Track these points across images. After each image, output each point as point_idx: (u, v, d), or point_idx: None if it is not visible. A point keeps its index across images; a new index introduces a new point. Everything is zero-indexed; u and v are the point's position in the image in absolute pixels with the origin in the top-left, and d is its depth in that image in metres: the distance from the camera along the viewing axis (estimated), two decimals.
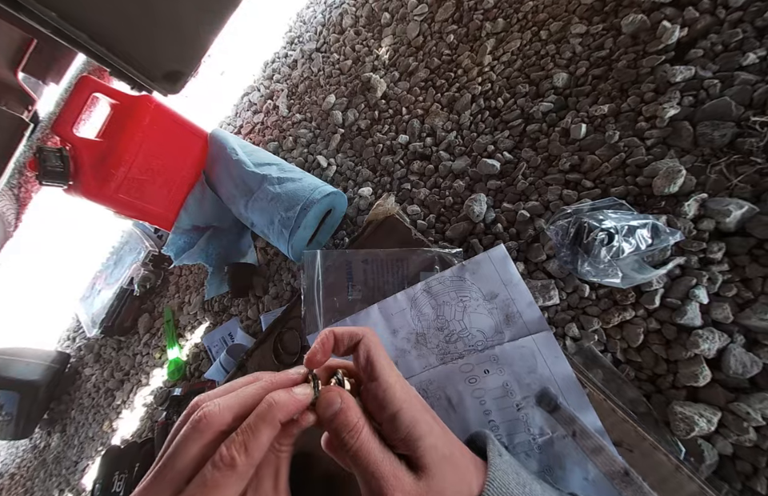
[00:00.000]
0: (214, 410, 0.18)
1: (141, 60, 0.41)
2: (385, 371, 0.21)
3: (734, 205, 0.47)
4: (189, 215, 0.95)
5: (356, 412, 0.20)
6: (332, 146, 0.97)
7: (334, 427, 0.20)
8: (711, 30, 0.56)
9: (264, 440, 0.18)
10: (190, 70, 0.47)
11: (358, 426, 0.19)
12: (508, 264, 0.46)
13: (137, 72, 0.42)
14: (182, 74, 0.47)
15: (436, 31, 0.89)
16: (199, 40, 0.45)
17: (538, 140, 0.67)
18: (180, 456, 0.18)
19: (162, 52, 0.43)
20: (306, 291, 0.60)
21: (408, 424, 0.20)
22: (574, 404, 0.39)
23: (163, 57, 0.44)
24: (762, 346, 0.44)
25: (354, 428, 0.19)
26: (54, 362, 1.40)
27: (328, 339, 0.22)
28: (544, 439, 0.37)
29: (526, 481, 0.22)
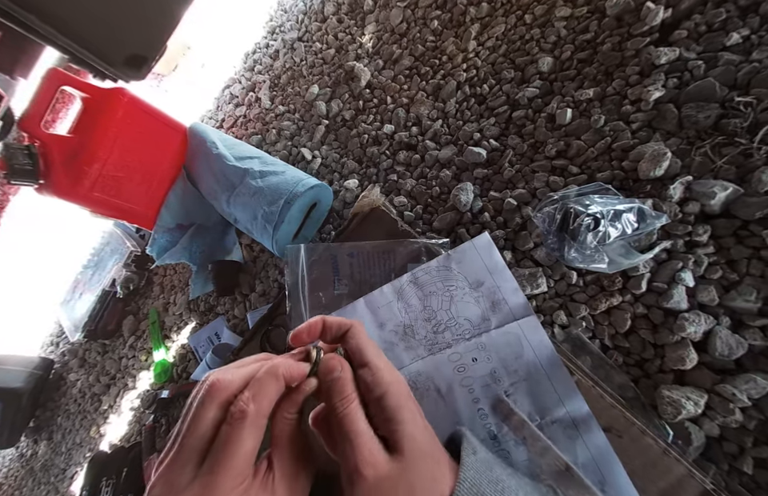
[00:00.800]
0: (227, 376, 0.20)
1: (98, 43, 0.39)
2: (374, 357, 0.23)
3: (719, 186, 0.47)
4: (170, 213, 0.92)
5: (352, 384, 0.22)
6: (316, 137, 0.94)
7: (330, 390, 0.21)
8: (695, 11, 0.55)
9: (271, 391, 0.20)
10: (154, 53, 0.44)
11: (351, 396, 0.21)
12: (493, 251, 0.45)
13: (95, 57, 0.39)
14: (145, 58, 0.44)
15: (420, 17, 0.87)
16: (162, 20, 0.42)
17: (524, 126, 0.65)
18: (199, 422, 0.19)
19: (121, 34, 0.40)
20: (291, 287, 0.59)
21: (393, 406, 0.21)
22: (561, 388, 0.39)
23: (123, 39, 0.41)
24: (747, 327, 0.45)
25: (347, 397, 0.21)
26: (36, 369, 1.36)
27: (316, 324, 0.24)
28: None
29: (500, 477, 0.22)
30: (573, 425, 0.36)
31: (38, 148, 0.78)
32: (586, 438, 0.36)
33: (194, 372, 0.88)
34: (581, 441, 0.35)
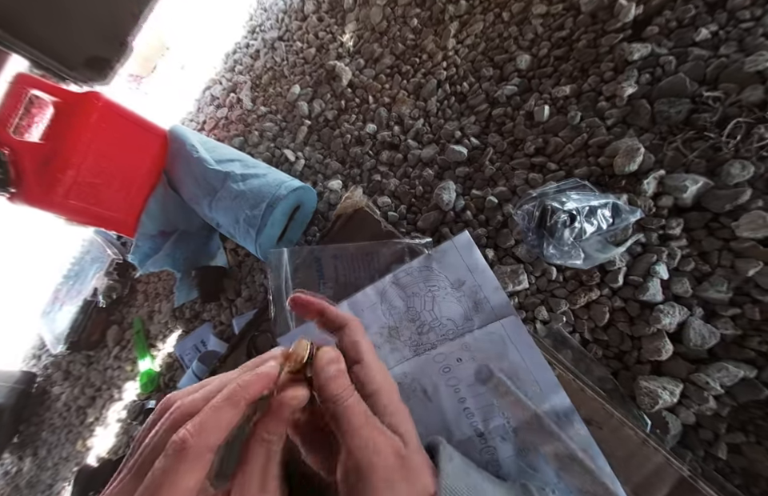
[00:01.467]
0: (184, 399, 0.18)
1: (55, 46, 0.37)
2: (369, 355, 0.22)
3: (690, 180, 0.48)
4: (151, 219, 0.90)
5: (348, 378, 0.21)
6: (299, 138, 0.93)
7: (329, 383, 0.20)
8: (666, 7, 0.56)
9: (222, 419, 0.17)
10: (116, 55, 0.43)
11: (351, 387, 0.20)
12: (473, 250, 0.45)
13: (52, 60, 0.38)
14: (106, 60, 0.42)
15: (399, 15, 0.86)
16: (120, 18, 0.41)
17: (503, 124, 0.66)
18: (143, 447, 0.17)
19: (78, 35, 0.39)
20: (275, 292, 0.58)
21: (386, 402, 0.21)
22: (545, 385, 0.39)
23: (81, 40, 0.39)
24: (720, 317, 0.46)
25: (348, 388, 0.20)
26: (18, 383, 1.32)
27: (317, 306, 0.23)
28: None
29: (476, 482, 0.22)
30: (557, 418, 0.37)
31: (8, 155, 0.75)
32: (569, 431, 0.36)
33: (180, 381, 0.87)
34: (565, 434, 0.36)
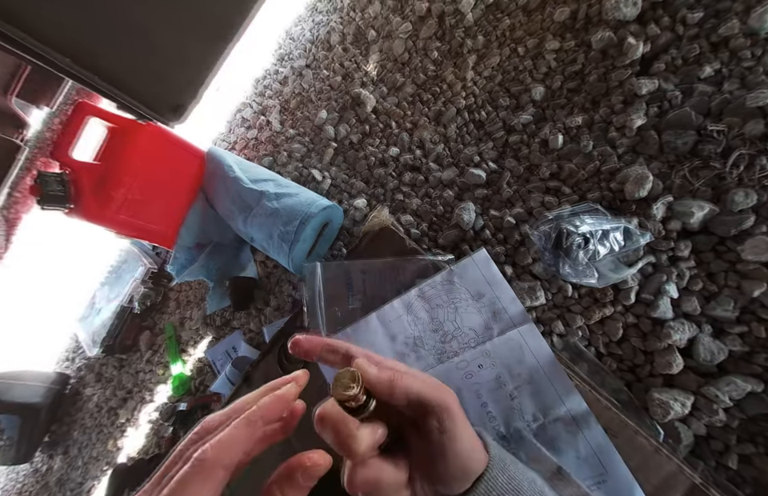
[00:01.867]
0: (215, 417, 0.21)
1: (148, 96, 0.45)
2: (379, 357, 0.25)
3: (697, 206, 0.52)
4: (189, 232, 0.98)
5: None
6: (326, 159, 1.00)
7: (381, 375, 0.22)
8: (671, 46, 0.61)
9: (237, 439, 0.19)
10: (192, 102, 0.50)
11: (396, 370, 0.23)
12: (490, 265, 0.50)
13: (144, 107, 0.45)
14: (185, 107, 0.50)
15: (421, 48, 0.94)
16: (202, 75, 0.49)
17: (519, 150, 0.71)
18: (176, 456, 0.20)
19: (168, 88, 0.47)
20: (309, 302, 0.64)
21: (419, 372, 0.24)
22: (560, 388, 0.43)
23: (169, 92, 0.47)
24: (727, 334, 0.49)
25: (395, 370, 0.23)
26: (54, 384, 1.40)
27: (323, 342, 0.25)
28: (537, 424, 0.41)
29: (514, 460, 0.27)
30: (573, 421, 0.41)
31: (69, 175, 0.84)
32: (586, 433, 0.40)
33: (212, 385, 0.93)
34: (581, 436, 0.40)
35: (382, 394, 0.22)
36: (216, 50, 0.47)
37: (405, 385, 0.22)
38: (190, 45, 0.44)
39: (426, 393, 0.22)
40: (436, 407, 0.22)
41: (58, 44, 0.34)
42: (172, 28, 0.40)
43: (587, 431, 0.41)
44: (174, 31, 0.40)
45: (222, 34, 0.47)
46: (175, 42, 0.42)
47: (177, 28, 0.40)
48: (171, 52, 0.42)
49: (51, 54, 0.34)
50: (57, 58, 0.34)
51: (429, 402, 0.22)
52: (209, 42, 0.45)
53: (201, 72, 0.47)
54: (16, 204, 2.61)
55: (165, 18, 0.39)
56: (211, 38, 0.46)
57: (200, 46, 0.45)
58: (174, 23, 0.39)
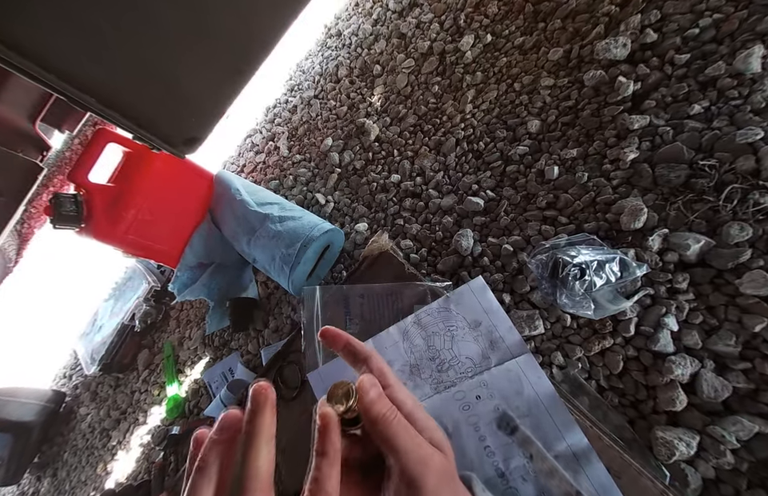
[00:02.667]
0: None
1: (164, 131, 0.48)
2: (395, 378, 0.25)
3: (693, 239, 0.52)
4: (194, 252, 1.00)
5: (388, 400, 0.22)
6: (330, 184, 1.03)
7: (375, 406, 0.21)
8: (661, 84, 0.64)
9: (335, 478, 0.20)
10: (205, 135, 0.54)
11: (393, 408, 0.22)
12: (487, 293, 0.50)
13: (160, 141, 0.48)
14: (198, 139, 0.53)
15: (422, 82, 0.99)
16: (214, 112, 0.52)
17: (516, 180, 0.73)
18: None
19: (182, 124, 0.50)
20: (306, 325, 0.64)
21: (422, 418, 0.23)
22: (561, 423, 0.42)
23: (184, 127, 0.50)
24: (731, 370, 0.48)
25: (391, 408, 0.22)
26: (49, 402, 1.38)
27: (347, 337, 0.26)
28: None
29: None
30: (574, 458, 0.39)
31: (83, 195, 0.87)
32: (588, 471, 0.38)
33: (206, 408, 0.91)
34: (583, 474, 0.38)
35: (366, 423, 0.22)
36: (232, 85, 0.50)
37: (389, 434, 0.21)
38: (208, 81, 0.47)
39: (401, 453, 0.21)
40: (405, 474, 0.21)
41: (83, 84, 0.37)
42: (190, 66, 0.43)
43: (589, 469, 0.39)
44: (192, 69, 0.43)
45: (240, 69, 0.51)
46: (193, 79, 0.46)
47: (195, 66, 0.43)
48: (188, 90, 0.46)
49: (76, 93, 0.37)
50: (81, 97, 0.37)
51: (400, 462, 0.21)
52: (226, 77, 0.49)
53: (216, 106, 0.51)
54: (30, 219, 2.69)
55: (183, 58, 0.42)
56: (229, 72, 0.49)
57: (217, 82, 0.49)
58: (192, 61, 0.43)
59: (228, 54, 0.44)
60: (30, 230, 2.62)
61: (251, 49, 0.46)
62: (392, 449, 0.21)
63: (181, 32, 0.40)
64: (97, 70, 0.37)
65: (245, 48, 0.45)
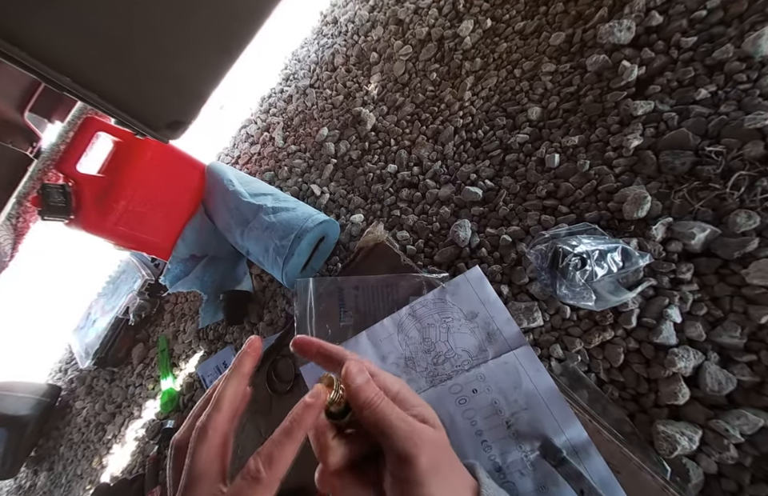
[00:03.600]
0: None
1: (145, 114, 0.46)
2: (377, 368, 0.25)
3: (698, 227, 0.50)
4: (186, 244, 0.98)
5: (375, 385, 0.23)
6: (325, 175, 1.01)
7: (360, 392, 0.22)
8: (666, 69, 0.62)
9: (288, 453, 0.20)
10: (189, 118, 0.51)
11: (380, 392, 0.22)
12: (484, 284, 0.48)
13: (142, 124, 0.46)
14: (182, 123, 0.51)
15: (420, 69, 0.96)
16: (199, 94, 0.50)
17: (516, 169, 0.71)
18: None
19: (165, 106, 0.48)
20: (299, 319, 0.62)
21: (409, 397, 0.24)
22: (560, 416, 0.40)
23: (166, 110, 0.48)
24: (735, 362, 0.46)
25: (378, 393, 0.22)
26: (44, 396, 1.37)
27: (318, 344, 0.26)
28: (536, 455, 0.38)
29: None
30: (574, 452, 0.38)
31: (72, 187, 0.85)
32: (588, 465, 0.37)
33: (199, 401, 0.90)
34: (583, 468, 0.37)
35: (355, 408, 0.22)
36: (217, 65, 0.48)
37: (378, 417, 0.22)
38: (191, 60, 0.45)
39: (392, 434, 0.21)
40: (398, 453, 0.21)
41: (57, 63, 0.35)
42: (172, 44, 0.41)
43: (588, 463, 0.38)
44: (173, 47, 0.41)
45: (226, 47, 0.48)
46: (175, 58, 0.44)
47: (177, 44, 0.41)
48: (170, 69, 0.43)
49: (50, 72, 0.35)
50: (55, 76, 0.35)
51: (391, 443, 0.21)
52: (210, 56, 0.46)
53: (200, 87, 0.48)
54: (25, 213, 2.67)
55: (164, 35, 0.40)
56: (214, 51, 0.47)
57: (201, 61, 0.46)
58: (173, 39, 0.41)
59: (212, 30, 0.42)
60: (25, 224, 2.60)
61: (237, 26, 0.44)
62: (382, 431, 0.21)
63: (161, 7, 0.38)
64: (72, 48, 0.35)
65: (230, 25, 0.43)
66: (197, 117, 0.51)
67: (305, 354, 0.26)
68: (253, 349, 0.24)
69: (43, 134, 1.39)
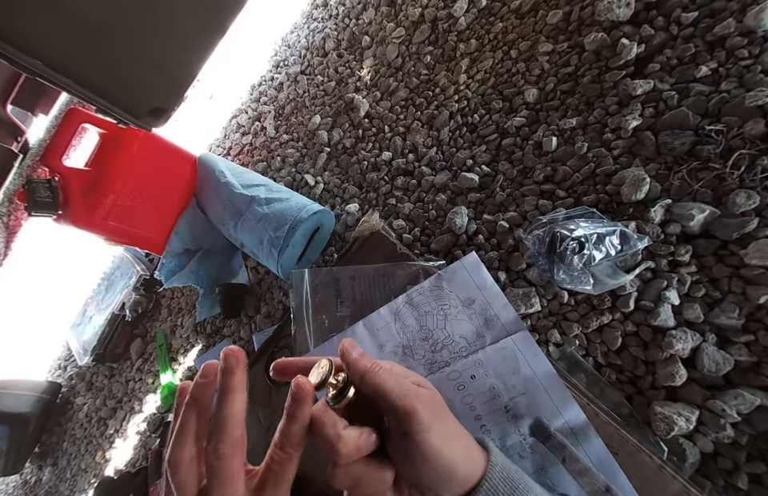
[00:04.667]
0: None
1: (125, 101, 0.44)
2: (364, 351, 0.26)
3: (697, 209, 0.49)
4: (179, 238, 0.96)
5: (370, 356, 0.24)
6: (319, 164, 0.99)
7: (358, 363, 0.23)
8: (666, 46, 0.60)
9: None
10: (173, 105, 0.49)
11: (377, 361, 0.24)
12: (481, 269, 0.48)
13: (122, 111, 0.44)
14: (165, 110, 0.49)
15: (414, 53, 0.93)
16: (181, 78, 0.48)
17: (513, 153, 0.69)
18: None
19: (145, 92, 0.45)
20: (296, 311, 0.62)
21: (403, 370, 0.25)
22: (558, 399, 0.40)
23: (147, 96, 0.46)
24: (733, 343, 0.46)
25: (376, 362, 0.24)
26: (44, 393, 1.37)
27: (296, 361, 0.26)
28: (534, 438, 0.38)
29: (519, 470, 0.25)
30: (572, 433, 0.38)
31: (58, 181, 0.83)
32: (586, 446, 0.37)
33: None
34: (581, 449, 0.37)
35: (354, 379, 0.23)
36: (200, 45, 0.45)
37: (377, 382, 0.22)
38: (172, 41, 0.43)
39: (391, 394, 0.22)
40: (398, 410, 0.22)
41: (27, 45, 0.33)
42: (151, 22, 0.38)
43: (587, 444, 0.38)
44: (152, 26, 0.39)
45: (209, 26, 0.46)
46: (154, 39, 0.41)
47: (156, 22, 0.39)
48: (150, 51, 0.41)
49: (19, 56, 0.33)
50: (26, 60, 0.33)
51: (391, 403, 0.22)
52: (190, 40, 0.44)
53: (181, 73, 0.46)
54: (17, 211, 2.62)
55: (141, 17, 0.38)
56: (196, 30, 0.44)
57: (182, 41, 0.44)
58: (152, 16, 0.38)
59: (192, 9, 0.40)
60: (16, 222, 2.56)
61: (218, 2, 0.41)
62: (382, 394, 0.22)
63: None
64: (43, 29, 0.33)
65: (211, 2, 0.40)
66: (180, 103, 0.49)
67: (284, 377, 0.26)
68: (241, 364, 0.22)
69: (28, 128, 1.35)
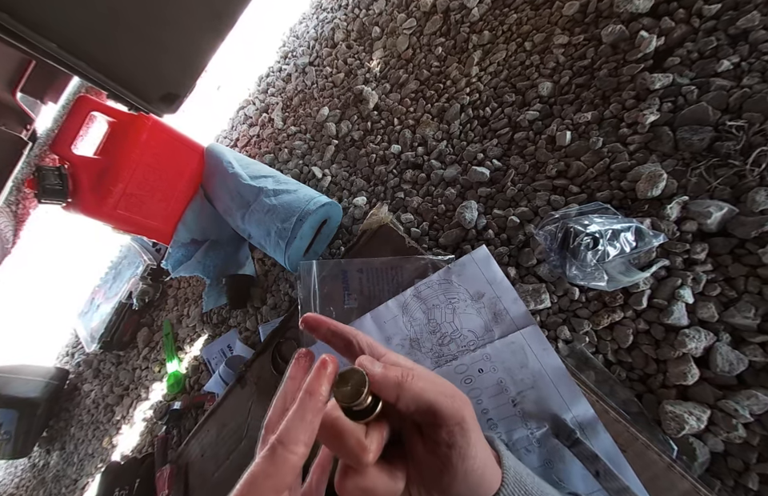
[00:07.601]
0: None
1: (138, 85, 0.43)
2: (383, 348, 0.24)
3: (715, 206, 0.48)
4: (187, 229, 0.96)
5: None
6: (326, 157, 0.99)
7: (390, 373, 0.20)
8: (687, 39, 0.58)
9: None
10: (185, 91, 0.49)
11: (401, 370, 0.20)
12: (491, 263, 0.47)
13: (134, 96, 0.44)
14: (177, 96, 0.49)
15: (425, 44, 0.92)
16: (193, 65, 0.47)
17: (525, 147, 0.68)
18: None
19: (158, 77, 0.45)
20: (303, 302, 0.61)
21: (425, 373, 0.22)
22: (566, 394, 0.40)
23: (159, 81, 0.46)
24: (747, 343, 0.46)
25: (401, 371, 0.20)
26: (52, 379, 1.39)
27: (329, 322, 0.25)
28: (542, 432, 0.38)
29: (529, 471, 0.25)
30: (580, 429, 0.38)
31: (68, 169, 0.83)
32: (595, 442, 0.37)
33: (206, 384, 0.91)
34: (589, 444, 0.37)
35: (388, 397, 0.20)
36: (212, 33, 0.45)
37: (415, 390, 0.20)
38: (182, 30, 0.42)
39: (440, 402, 0.19)
40: (449, 419, 0.19)
41: (43, 27, 0.32)
42: (162, 12, 0.38)
43: (595, 440, 0.38)
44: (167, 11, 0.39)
45: (221, 13, 0.45)
46: (169, 24, 0.41)
47: (168, 12, 0.38)
48: (162, 38, 0.41)
49: (35, 38, 0.33)
50: (41, 42, 0.33)
51: (441, 412, 0.19)
52: (203, 26, 0.44)
53: (194, 59, 0.46)
54: (25, 200, 2.65)
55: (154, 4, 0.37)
56: (208, 17, 0.44)
57: (193, 31, 0.44)
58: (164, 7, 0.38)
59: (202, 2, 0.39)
60: (25, 210, 2.58)
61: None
62: (426, 407, 0.19)
63: None
64: (58, 11, 0.32)
65: None
66: (192, 89, 0.49)
67: (314, 332, 0.25)
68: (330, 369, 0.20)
69: (37, 116, 1.36)
